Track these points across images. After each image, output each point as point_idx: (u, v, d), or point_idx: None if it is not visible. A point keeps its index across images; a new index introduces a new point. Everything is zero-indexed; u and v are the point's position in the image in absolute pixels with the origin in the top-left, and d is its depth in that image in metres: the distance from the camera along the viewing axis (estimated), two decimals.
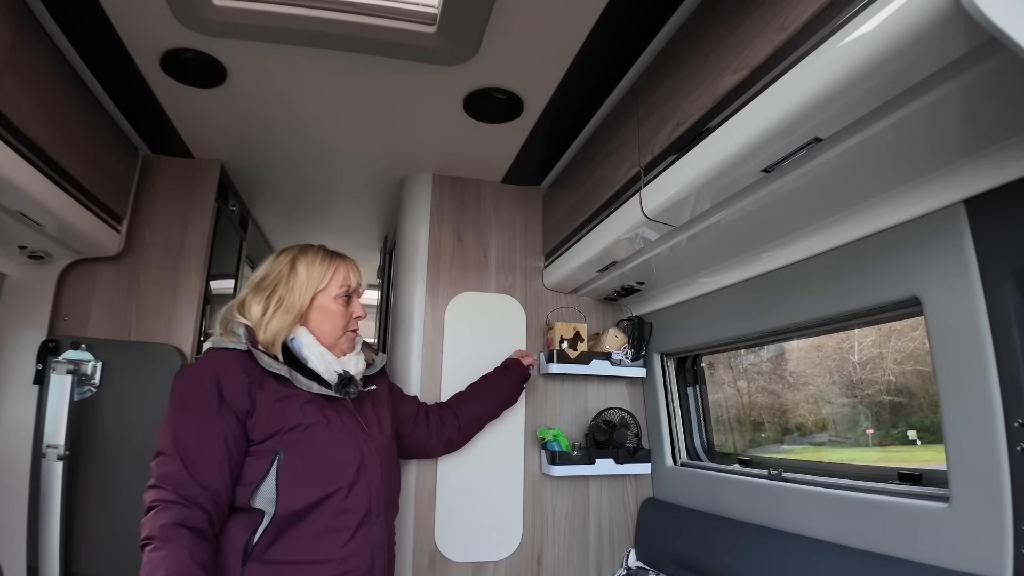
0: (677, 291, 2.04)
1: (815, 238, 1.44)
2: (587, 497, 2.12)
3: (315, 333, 1.49)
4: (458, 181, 2.25)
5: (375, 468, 1.46)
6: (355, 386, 1.50)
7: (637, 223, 1.49)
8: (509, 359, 2.02)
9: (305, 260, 1.52)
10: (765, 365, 2.15)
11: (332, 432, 1.42)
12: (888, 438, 1.55)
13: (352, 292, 1.57)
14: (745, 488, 1.72)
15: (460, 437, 1.88)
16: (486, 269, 2.19)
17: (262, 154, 2.20)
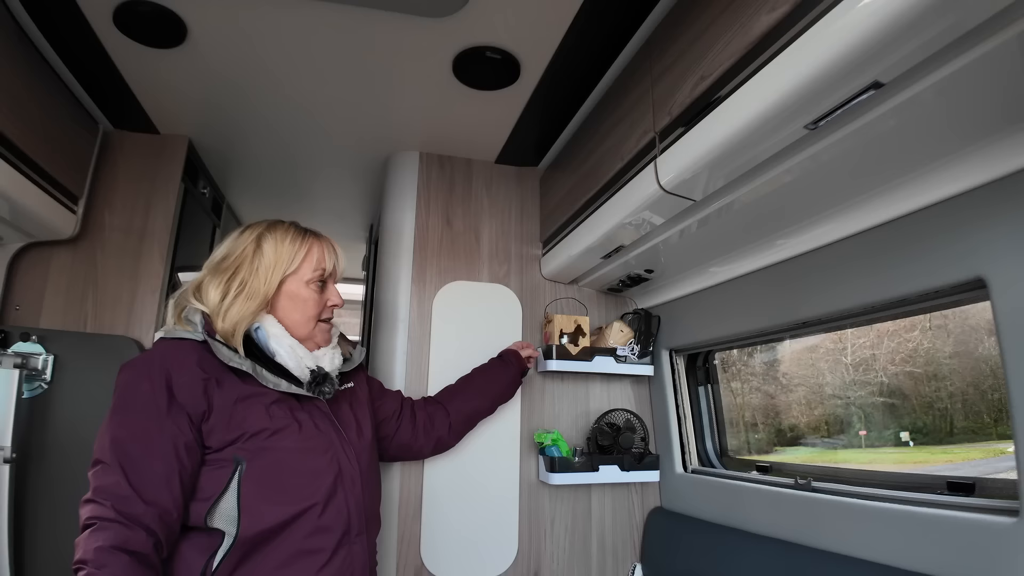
0: (688, 281, 1.86)
1: (855, 214, 1.25)
2: (589, 507, 1.93)
3: (284, 323, 1.30)
4: (448, 160, 2.05)
5: (355, 479, 1.27)
6: (331, 384, 1.31)
7: (650, 198, 1.31)
8: (506, 350, 1.83)
9: (273, 238, 1.32)
10: (759, 367, 2.04)
11: (304, 438, 1.23)
12: (880, 439, 1.52)
13: (327, 276, 1.37)
14: (768, 499, 1.53)
15: (451, 436, 1.69)
16: (478, 257, 2.00)
17: (234, 130, 2.01)
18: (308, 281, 1.33)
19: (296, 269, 1.31)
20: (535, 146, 1.99)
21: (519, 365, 1.79)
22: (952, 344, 1.37)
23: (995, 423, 1.29)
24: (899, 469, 1.43)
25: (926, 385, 1.43)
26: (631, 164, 1.38)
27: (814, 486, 1.43)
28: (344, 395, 1.41)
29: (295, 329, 1.31)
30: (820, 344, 1.75)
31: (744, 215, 1.37)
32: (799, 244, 1.41)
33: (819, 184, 1.20)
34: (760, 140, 1.05)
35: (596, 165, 1.60)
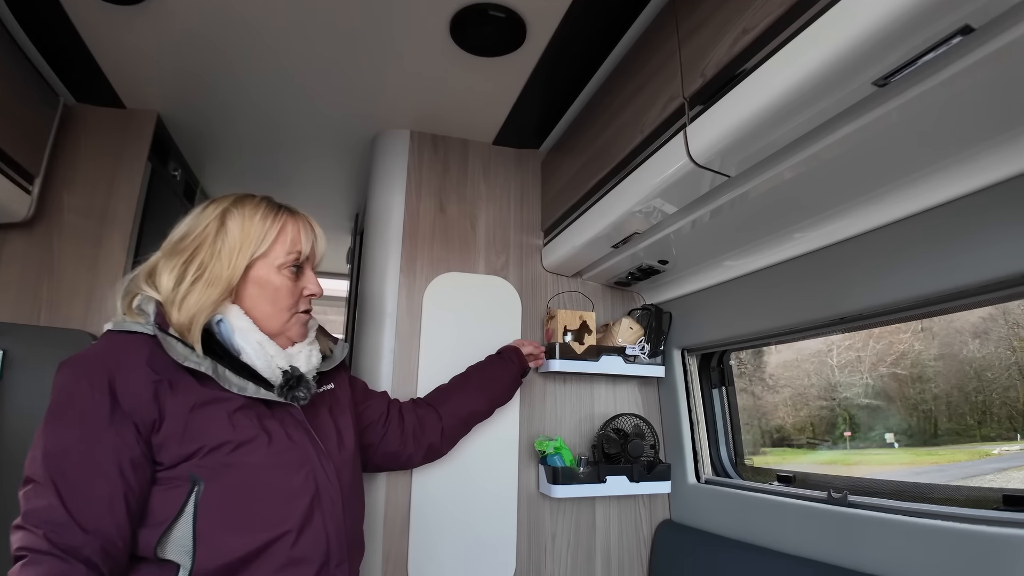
0: (702, 275, 1.70)
1: (913, 193, 1.10)
2: (593, 521, 1.76)
3: (252, 315, 1.10)
4: (441, 140, 1.88)
5: (335, 499, 1.09)
6: (306, 388, 1.12)
7: (677, 174, 1.14)
8: (506, 346, 1.66)
9: (240, 214, 1.12)
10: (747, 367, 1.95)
11: (274, 452, 1.04)
12: (865, 440, 1.50)
13: (304, 260, 1.17)
14: (795, 513, 1.38)
15: (444, 442, 1.51)
16: (474, 246, 1.82)
17: (207, 104, 1.82)
18: (281, 266, 1.13)
19: (266, 251, 1.11)
20: (537, 126, 1.82)
21: (519, 363, 1.62)
22: (937, 347, 1.36)
23: (979, 425, 1.27)
24: (944, 480, 1.31)
25: (911, 387, 1.42)
26: (653, 136, 1.22)
27: (851, 500, 1.28)
28: (323, 399, 1.22)
29: (265, 322, 1.12)
30: (806, 346, 1.71)
31: (776, 196, 1.22)
32: (838, 230, 1.26)
33: (875, 156, 1.04)
34: (815, 101, 0.89)
35: (608, 143, 1.44)
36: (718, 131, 1.02)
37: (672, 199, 1.27)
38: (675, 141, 1.13)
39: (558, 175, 1.79)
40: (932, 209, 1.09)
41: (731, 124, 0.99)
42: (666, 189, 1.22)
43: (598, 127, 1.52)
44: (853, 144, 0.98)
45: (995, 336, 1.22)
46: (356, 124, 1.87)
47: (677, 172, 1.14)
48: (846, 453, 1.59)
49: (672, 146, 1.14)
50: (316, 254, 1.22)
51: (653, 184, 1.23)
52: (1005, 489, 1.11)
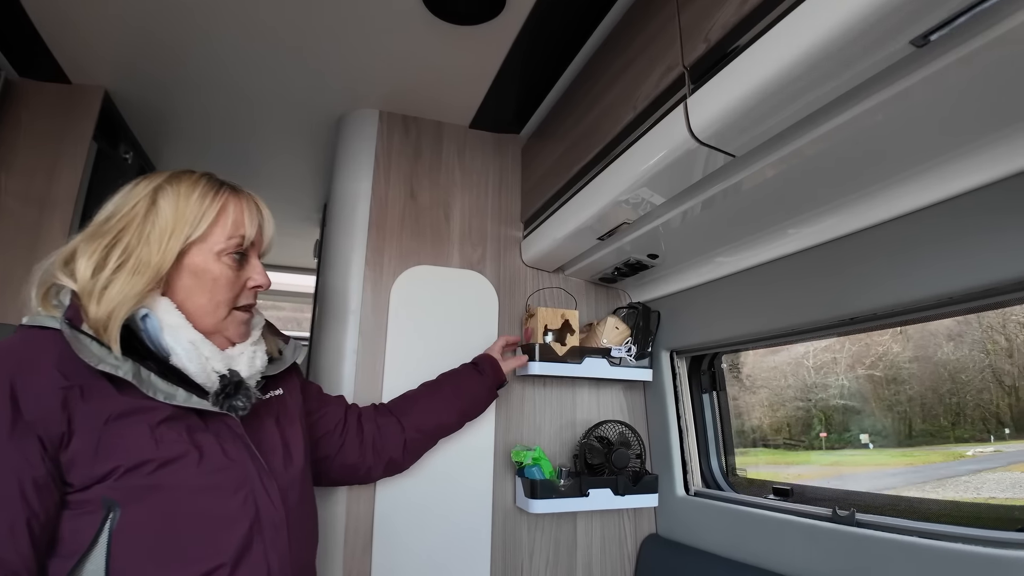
0: (693, 271, 1.58)
1: (932, 180, 0.98)
2: (574, 536, 1.62)
3: (185, 309, 0.95)
4: (413, 122, 1.72)
5: (278, 525, 0.94)
6: (246, 395, 0.96)
7: (675, 152, 1.01)
8: (482, 356, 1.50)
9: (175, 191, 0.96)
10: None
11: (206, 471, 0.89)
12: (841, 441, 1.49)
13: (248, 247, 1.01)
14: (796, 532, 1.26)
15: (405, 456, 1.36)
16: (447, 237, 1.67)
17: (160, 79, 1.65)
18: (220, 252, 0.97)
19: (204, 234, 0.96)
20: (517, 107, 1.68)
21: (495, 377, 1.47)
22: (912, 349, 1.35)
23: (953, 427, 1.27)
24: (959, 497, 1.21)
25: (885, 389, 1.41)
26: (648, 112, 1.08)
27: (859, 519, 1.16)
28: (268, 407, 1.07)
29: (200, 318, 0.96)
30: (783, 347, 1.66)
31: (780, 183, 1.10)
32: (847, 222, 1.14)
33: (896, 136, 0.92)
34: (842, 66, 0.76)
35: (596, 123, 1.30)
36: (725, 103, 0.89)
37: (666, 184, 1.13)
38: (674, 116, 1.00)
39: (539, 161, 1.65)
40: (957, 197, 0.97)
41: (740, 94, 0.86)
42: (660, 172, 1.08)
43: (584, 107, 1.38)
44: (873, 122, 0.86)
45: (969, 339, 1.21)
46: (321, 102, 1.71)
47: (675, 151, 1.01)
48: (821, 454, 1.56)
49: (670, 122, 1.01)
50: (263, 239, 1.06)
51: (646, 167, 1.09)
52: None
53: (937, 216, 1.00)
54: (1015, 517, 1.08)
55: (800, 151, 0.98)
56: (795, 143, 0.96)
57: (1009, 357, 1.16)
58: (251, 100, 1.73)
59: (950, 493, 1.23)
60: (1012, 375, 1.16)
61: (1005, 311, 1.13)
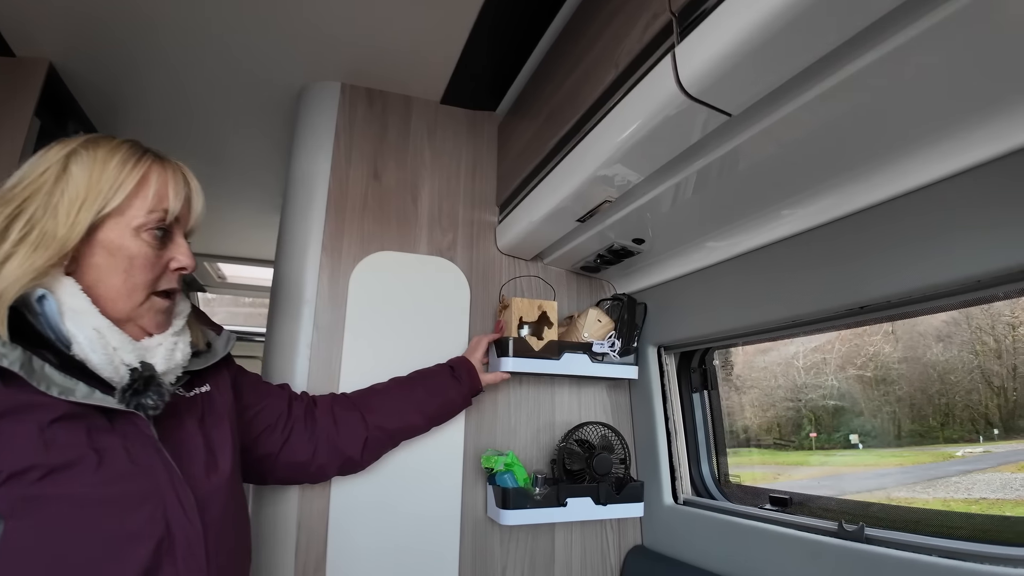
0: (683, 258, 1.44)
1: (959, 144, 0.85)
2: (552, 549, 1.48)
3: (95, 292, 0.82)
4: (379, 96, 1.57)
5: (194, 544, 0.80)
6: (158, 393, 0.82)
7: (662, 111, 0.87)
8: (459, 359, 1.39)
9: (89, 157, 0.83)
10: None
11: (105, 480, 0.75)
12: (830, 442, 1.47)
13: (172, 223, 0.88)
14: (796, 547, 1.12)
15: (364, 456, 1.23)
16: (415, 221, 1.52)
17: (109, 52, 1.50)
18: (139, 227, 0.84)
19: (120, 206, 0.83)
20: (492, 81, 1.54)
21: (471, 384, 1.35)
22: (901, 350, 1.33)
23: (942, 427, 1.25)
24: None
25: (875, 389, 1.40)
26: (632, 69, 0.94)
27: (869, 535, 1.03)
28: (191, 406, 0.93)
29: (112, 303, 0.83)
30: (773, 346, 1.65)
31: (781, 150, 0.96)
32: (858, 197, 1.01)
33: (909, 95, 0.79)
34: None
35: (575, 88, 1.16)
36: (717, 49, 0.75)
37: (652, 153, 0.99)
38: (660, 70, 0.86)
39: (516, 138, 1.50)
40: (983, 165, 0.84)
41: (734, 39, 0.72)
42: (645, 138, 0.94)
43: (562, 74, 1.24)
44: (882, 78, 0.73)
45: (958, 340, 1.20)
46: (280, 76, 1.56)
47: (661, 111, 0.87)
48: (811, 454, 1.53)
49: (656, 77, 0.87)
50: (191, 215, 0.93)
51: (629, 133, 0.95)
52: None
53: (960, 188, 0.87)
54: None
55: (801, 113, 0.84)
56: (796, 101, 0.83)
57: (998, 358, 1.14)
58: (207, 74, 1.57)
59: (940, 494, 1.21)
60: (1001, 376, 1.15)
61: (993, 312, 1.13)
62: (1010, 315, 1.10)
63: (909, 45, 0.69)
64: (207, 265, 3.23)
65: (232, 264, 3.24)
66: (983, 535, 0.97)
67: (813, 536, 1.10)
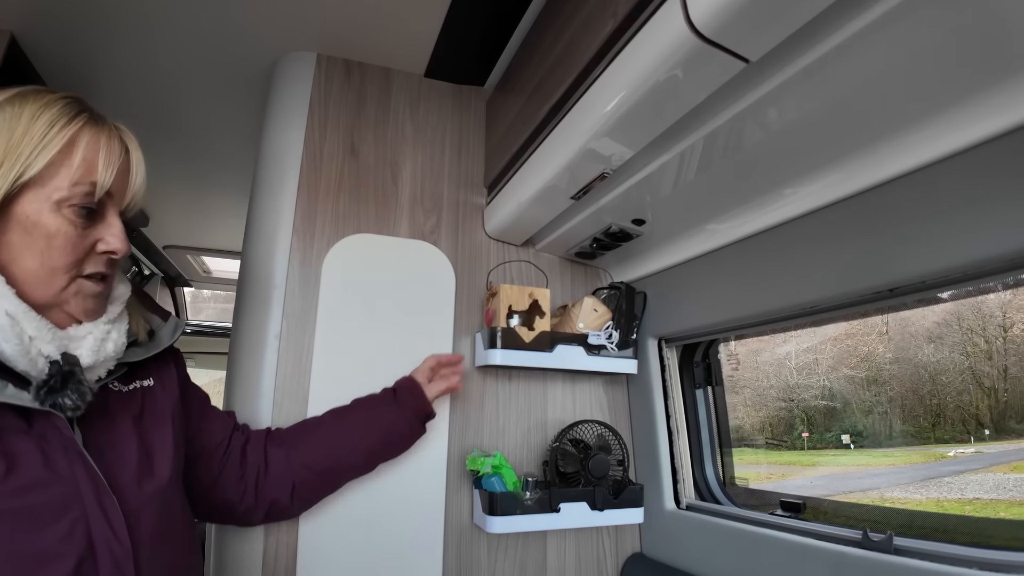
0: (685, 243, 1.33)
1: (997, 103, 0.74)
2: (543, 558, 1.36)
3: (8, 272, 0.70)
4: (357, 67, 1.45)
5: (122, 563, 0.69)
6: (77, 392, 0.70)
7: (669, 62, 0.75)
8: (404, 380, 1.21)
9: (13, 114, 0.71)
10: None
11: (15, 489, 0.65)
12: (822, 441, 1.47)
13: (104, 197, 0.75)
14: (814, 559, 1.01)
15: (294, 501, 1.07)
16: (395, 202, 1.40)
17: (74, 22, 1.38)
18: (61, 201, 0.71)
19: (40, 175, 0.70)
20: (479, 53, 1.42)
21: (416, 407, 1.17)
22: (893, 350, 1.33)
23: (933, 428, 1.25)
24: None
25: (865, 389, 1.41)
26: (633, 15, 0.82)
27: (898, 546, 0.91)
28: (128, 403, 0.81)
29: (28, 287, 0.71)
30: (765, 346, 1.66)
31: (803, 109, 0.85)
32: (892, 162, 0.89)
33: (959, 41, 0.67)
34: None
35: (568, 48, 1.04)
36: None
37: (655, 112, 0.88)
38: (667, 11, 0.74)
39: (505, 112, 1.38)
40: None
41: None
42: (649, 94, 0.83)
43: (553, 35, 1.12)
44: (912, 23, 0.61)
45: (949, 341, 1.20)
46: (252, 46, 1.43)
47: (670, 58, 0.75)
48: (802, 454, 1.52)
49: (662, 19, 0.75)
50: (127, 191, 0.79)
51: (630, 88, 0.83)
52: None
53: (1008, 147, 0.76)
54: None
55: (824, 65, 0.74)
56: (824, 44, 0.72)
57: (989, 359, 1.15)
58: (178, 47, 1.45)
59: (934, 494, 1.20)
60: (992, 377, 1.15)
61: (985, 314, 1.12)
62: (1001, 317, 1.10)
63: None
64: (191, 259, 3.10)
65: (217, 258, 3.11)
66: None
67: (833, 546, 0.99)
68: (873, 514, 1.13)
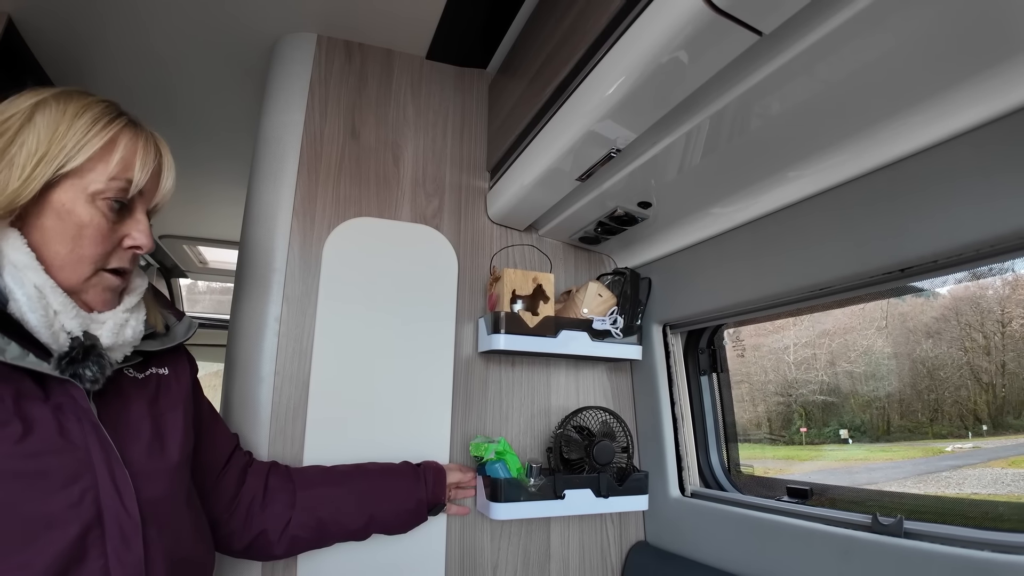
0: (691, 226, 1.32)
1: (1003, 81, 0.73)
2: (547, 545, 1.35)
3: (40, 253, 0.74)
4: (358, 48, 1.43)
5: (129, 535, 0.71)
6: (98, 364, 0.73)
7: (685, 31, 0.73)
8: (429, 463, 1.20)
9: (58, 110, 0.75)
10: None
11: (29, 451, 0.66)
12: (820, 436, 1.45)
13: (135, 195, 0.80)
14: (824, 544, 1.00)
15: (282, 541, 1.02)
16: (396, 185, 1.38)
17: (76, 4, 1.36)
18: (96, 194, 0.75)
19: (80, 168, 0.74)
20: (481, 34, 1.39)
21: (433, 493, 1.16)
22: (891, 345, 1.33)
23: (931, 423, 1.25)
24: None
25: (863, 384, 1.40)
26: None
27: (908, 529, 0.91)
28: (142, 386, 0.84)
29: (56, 270, 0.74)
30: (764, 343, 1.63)
31: (812, 90, 0.84)
32: (901, 141, 0.88)
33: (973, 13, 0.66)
34: None
35: (575, 23, 1.02)
36: None
37: (665, 88, 0.86)
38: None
39: (508, 93, 1.36)
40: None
41: None
42: (660, 69, 0.81)
43: (558, 15, 1.10)
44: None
45: (947, 336, 1.20)
46: (251, 29, 1.41)
47: (682, 31, 0.73)
48: (800, 448, 1.50)
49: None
50: (158, 191, 0.84)
51: (641, 63, 0.81)
52: None
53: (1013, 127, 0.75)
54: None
55: (833, 40, 0.72)
56: (838, 16, 0.71)
57: (987, 355, 1.15)
58: (176, 29, 1.43)
59: (932, 489, 1.19)
60: (990, 372, 1.15)
61: (983, 309, 1.11)
62: (1000, 312, 1.09)
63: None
64: (187, 249, 3.06)
65: (214, 248, 3.07)
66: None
67: (842, 531, 0.98)
68: (883, 499, 1.12)
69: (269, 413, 1.18)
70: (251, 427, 1.17)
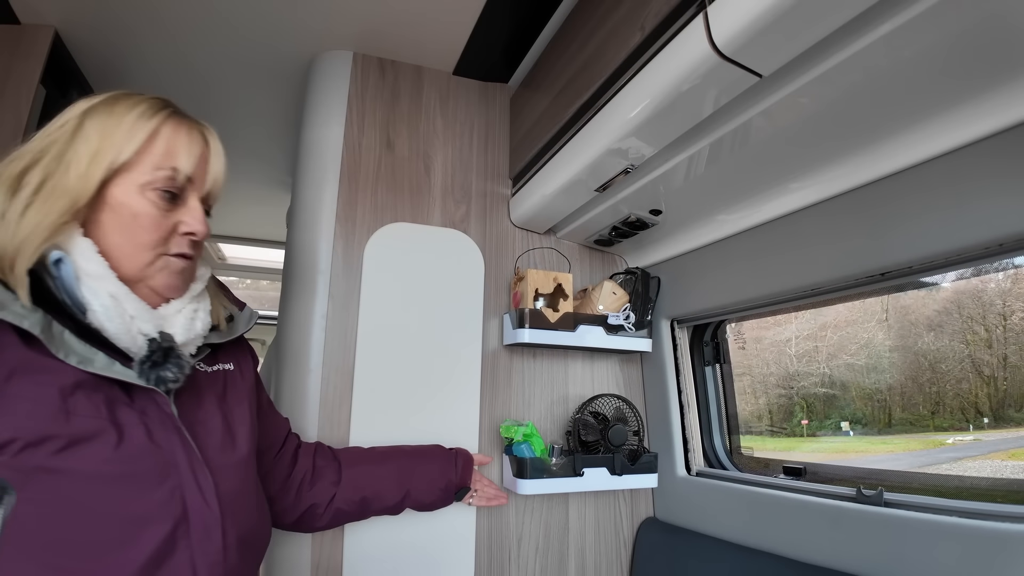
0: (697, 231, 1.44)
1: (987, 107, 0.85)
2: (566, 520, 1.49)
3: (101, 247, 0.78)
4: (391, 65, 1.55)
5: (211, 528, 0.78)
6: (178, 365, 0.79)
7: (694, 73, 0.86)
8: (462, 449, 1.34)
9: (107, 113, 0.79)
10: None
11: (123, 456, 0.72)
12: (822, 428, 1.50)
13: (184, 183, 0.83)
14: (814, 514, 1.13)
15: (327, 513, 1.13)
16: (427, 192, 1.51)
17: (115, 19, 1.47)
18: (145, 185, 0.79)
19: (128, 162, 0.78)
20: (505, 51, 1.51)
21: (462, 477, 1.28)
22: (893, 339, 1.36)
23: (932, 415, 1.27)
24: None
25: (865, 376, 1.43)
26: (659, 31, 0.92)
27: (888, 499, 1.04)
28: (211, 382, 0.90)
29: (116, 260, 0.78)
30: (766, 335, 1.68)
31: (808, 112, 0.96)
32: (884, 160, 1.00)
33: (947, 55, 0.78)
34: None
35: (596, 53, 1.14)
36: (753, 7, 0.74)
37: (677, 116, 0.98)
38: (691, 30, 0.84)
39: (530, 109, 1.48)
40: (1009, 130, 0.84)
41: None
42: (674, 102, 0.93)
43: (581, 41, 1.22)
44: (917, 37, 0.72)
45: (949, 329, 1.22)
46: (290, 44, 1.53)
47: (692, 73, 0.86)
48: (802, 440, 1.55)
49: (687, 37, 0.86)
50: (208, 178, 0.86)
51: (655, 97, 0.94)
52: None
53: (990, 149, 0.87)
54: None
55: (833, 74, 0.84)
56: (828, 61, 0.83)
57: (988, 347, 1.16)
58: (214, 44, 1.54)
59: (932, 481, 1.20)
60: (991, 365, 1.17)
61: (985, 302, 1.14)
62: (1001, 305, 1.11)
63: (937, 8, 0.68)
64: (207, 244, 3.17)
65: (231, 244, 3.17)
66: (1005, 499, 0.98)
67: (831, 502, 1.11)
68: (866, 475, 1.24)
69: (318, 401, 1.31)
70: (301, 413, 1.31)
